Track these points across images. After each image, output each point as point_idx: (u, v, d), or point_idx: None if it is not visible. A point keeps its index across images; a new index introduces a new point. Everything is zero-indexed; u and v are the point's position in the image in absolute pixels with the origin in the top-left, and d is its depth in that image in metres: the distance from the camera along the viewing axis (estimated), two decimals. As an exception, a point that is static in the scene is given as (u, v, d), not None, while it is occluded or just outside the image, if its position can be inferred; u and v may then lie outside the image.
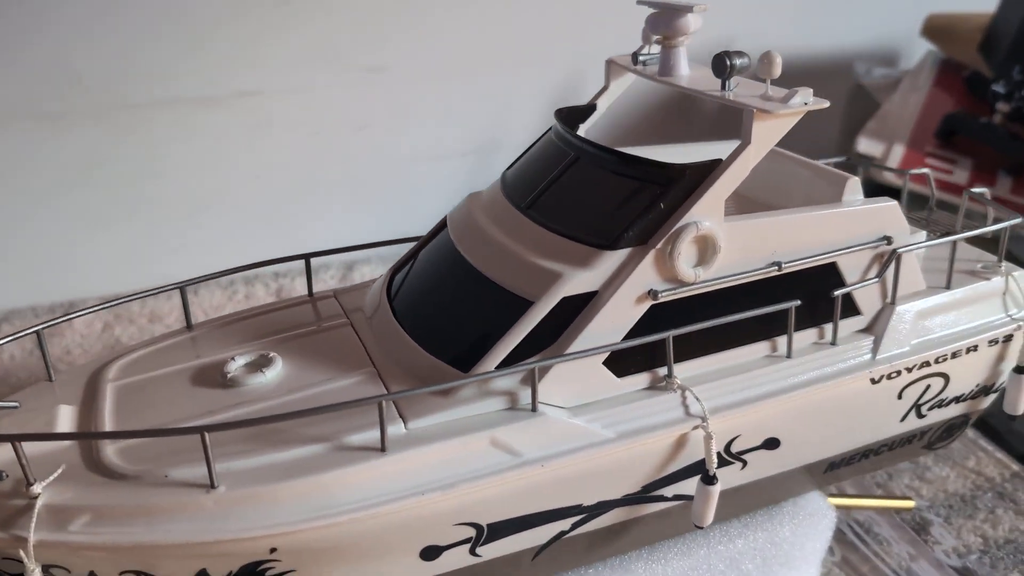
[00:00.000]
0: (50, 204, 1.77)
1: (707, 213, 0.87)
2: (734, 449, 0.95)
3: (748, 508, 1.06)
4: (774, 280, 0.93)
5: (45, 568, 0.77)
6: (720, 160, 0.88)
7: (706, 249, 0.88)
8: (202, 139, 1.86)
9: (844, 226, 0.96)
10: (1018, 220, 1.07)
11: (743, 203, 1.08)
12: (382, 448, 0.81)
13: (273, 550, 0.80)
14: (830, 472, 1.07)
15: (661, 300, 0.88)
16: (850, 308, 0.99)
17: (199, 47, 1.79)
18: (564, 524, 0.91)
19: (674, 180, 0.88)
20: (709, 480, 0.90)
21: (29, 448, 0.78)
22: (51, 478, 0.78)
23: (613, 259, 0.87)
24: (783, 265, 0.92)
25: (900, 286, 1.00)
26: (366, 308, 1.01)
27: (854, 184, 0.99)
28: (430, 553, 0.86)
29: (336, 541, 0.81)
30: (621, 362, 0.89)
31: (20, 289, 1.77)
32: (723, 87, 0.90)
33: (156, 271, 1.05)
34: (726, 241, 0.89)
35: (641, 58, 1.03)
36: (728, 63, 0.88)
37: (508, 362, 0.86)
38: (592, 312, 0.86)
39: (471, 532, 0.87)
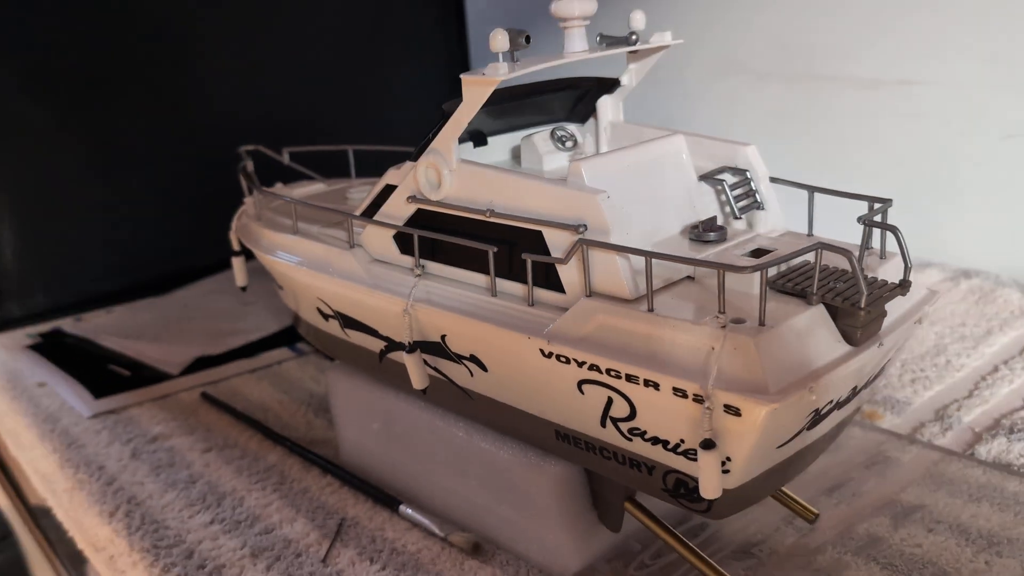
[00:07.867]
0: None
1: (439, 147, 1.11)
2: (451, 347, 1.13)
3: (503, 430, 1.18)
4: (492, 226, 1.07)
5: None
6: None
7: (437, 176, 1.11)
8: (856, 117, 2.07)
9: (549, 201, 1.02)
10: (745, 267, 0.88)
11: None
12: (294, 230, 1.35)
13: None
14: (563, 443, 1.08)
15: (417, 205, 1.15)
16: (555, 283, 1.02)
17: (884, 33, 2.00)
18: (380, 344, 1.27)
19: (443, 117, 1.12)
20: (408, 347, 1.16)
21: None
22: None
23: (408, 168, 1.18)
24: (492, 214, 1.06)
25: (595, 282, 0.98)
26: None
27: (576, 169, 1.00)
28: (323, 315, 1.36)
29: (287, 273, 1.40)
30: (402, 243, 1.19)
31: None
32: (511, 58, 1.07)
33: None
34: (455, 177, 1.10)
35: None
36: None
37: (366, 215, 1.26)
38: (389, 200, 1.21)
39: (330, 311, 1.33)
